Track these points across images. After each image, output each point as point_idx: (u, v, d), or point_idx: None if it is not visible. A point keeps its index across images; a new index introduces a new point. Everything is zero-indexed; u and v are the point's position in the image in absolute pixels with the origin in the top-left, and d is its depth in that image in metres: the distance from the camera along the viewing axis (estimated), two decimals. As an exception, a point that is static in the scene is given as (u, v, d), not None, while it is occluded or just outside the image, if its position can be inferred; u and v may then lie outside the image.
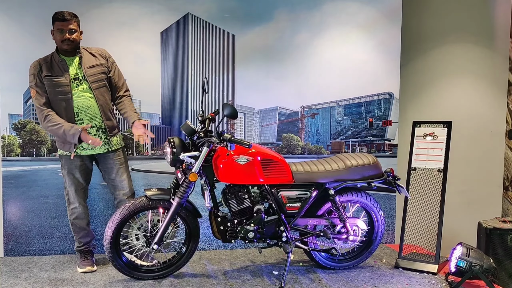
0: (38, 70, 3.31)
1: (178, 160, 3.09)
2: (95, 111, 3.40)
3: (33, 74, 3.32)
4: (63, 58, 3.36)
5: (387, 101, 4.63)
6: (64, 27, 3.26)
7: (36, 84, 3.31)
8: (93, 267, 3.51)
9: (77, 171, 3.47)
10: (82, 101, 3.36)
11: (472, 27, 4.77)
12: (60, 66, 3.33)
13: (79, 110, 3.36)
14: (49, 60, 3.35)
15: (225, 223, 3.27)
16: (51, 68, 3.32)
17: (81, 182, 3.52)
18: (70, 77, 3.34)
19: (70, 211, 3.56)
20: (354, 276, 3.50)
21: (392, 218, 4.59)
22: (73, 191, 3.49)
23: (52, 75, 3.31)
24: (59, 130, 3.24)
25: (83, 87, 3.37)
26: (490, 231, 3.66)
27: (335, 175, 3.35)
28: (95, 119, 3.41)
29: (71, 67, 3.37)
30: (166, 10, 4.17)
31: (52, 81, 3.30)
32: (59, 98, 3.32)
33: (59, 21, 3.25)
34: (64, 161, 3.48)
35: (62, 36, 3.27)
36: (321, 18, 4.45)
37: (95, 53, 3.48)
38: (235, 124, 4.53)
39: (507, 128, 4.76)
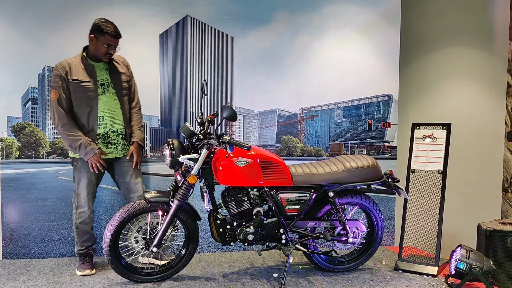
0: (65, 72, 3.30)
1: (177, 163, 3.09)
2: (119, 116, 3.47)
3: (59, 76, 3.30)
4: (92, 63, 3.39)
5: (386, 103, 4.63)
6: (113, 44, 3.31)
7: (61, 87, 3.30)
8: (91, 271, 3.50)
9: (92, 174, 3.46)
10: (108, 106, 3.41)
11: (471, 29, 4.77)
12: (88, 71, 3.36)
13: (105, 114, 3.41)
14: (77, 64, 3.35)
15: (224, 226, 3.26)
16: (78, 73, 3.32)
17: (94, 185, 3.51)
18: (97, 83, 3.37)
19: (77, 215, 3.51)
20: (354, 278, 3.49)
21: (391, 220, 4.58)
22: (85, 194, 3.46)
23: (80, 79, 3.31)
24: (75, 142, 3.27)
25: (110, 92, 3.42)
26: (490, 233, 3.65)
27: (335, 177, 3.35)
28: (118, 124, 3.47)
29: (99, 72, 3.41)
30: (165, 12, 4.17)
31: (80, 85, 3.32)
32: (85, 103, 3.35)
33: (111, 37, 3.28)
34: (80, 164, 3.45)
35: (107, 50, 3.31)
36: (321, 21, 4.45)
37: (119, 60, 3.55)
38: (234, 126, 4.53)
39: (506, 129, 4.76)
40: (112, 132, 3.45)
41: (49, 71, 4.01)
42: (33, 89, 4.01)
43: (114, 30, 3.28)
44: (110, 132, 3.44)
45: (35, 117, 4.07)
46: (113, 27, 3.28)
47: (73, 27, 3.94)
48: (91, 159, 3.30)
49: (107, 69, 3.44)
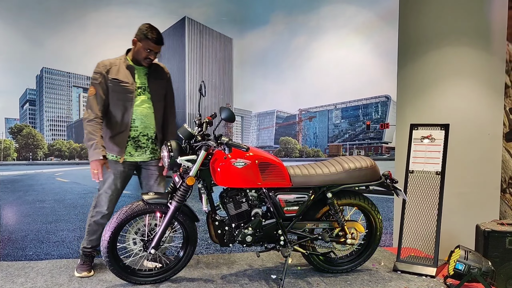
0: (106, 71, 3.33)
1: (176, 164, 3.08)
2: (151, 121, 3.47)
3: (100, 73, 3.32)
4: (132, 65, 3.41)
5: (385, 104, 4.63)
6: (154, 49, 3.32)
7: (100, 84, 3.32)
8: (89, 273, 3.48)
9: (118, 176, 3.45)
10: (141, 110, 3.41)
11: (469, 30, 4.78)
12: (128, 73, 3.37)
13: (137, 117, 3.41)
14: (118, 64, 3.38)
15: (222, 227, 3.26)
16: (119, 72, 3.35)
17: (118, 188, 3.48)
18: (135, 85, 3.38)
19: (93, 212, 3.49)
20: (353, 279, 3.49)
21: (390, 221, 4.59)
22: (108, 195, 3.44)
23: (119, 79, 3.33)
24: (90, 140, 3.25)
25: (145, 96, 3.43)
26: (488, 233, 3.66)
27: (333, 178, 3.35)
28: (149, 128, 3.47)
29: (138, 75, 3.42)
30: (163, 14, 4.17)
31: (119, 85, 3.33)
32: (121, 103, 3.36)
33: (153, 42, 3.29)
34: (109, 164, 3.44)
35: (147, 55, 3.33)
36: (318, 22, 4.45)
37: (159, 67, 3.56)
38: (233, 127, 4.53)
39: (504, 130, 4.77)
40: (142, 136, 3.45)
41: (47, 73, 4.00)
42: (31, 91, 4.01)
43: (157, 36, 3.29)
44: (140, 136, 3.45)
45: (33, 119, 4.06)
46: (156, 33, 3.29)
47: (71, 29, 3.94)
48: (93, 163, 3.26)
49: (146, 73, 3.46)
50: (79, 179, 3.74)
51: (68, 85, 4.10)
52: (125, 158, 3.42)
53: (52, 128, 4.10)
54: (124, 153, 3.40)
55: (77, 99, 4.18)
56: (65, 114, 4.15)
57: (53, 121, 4.09)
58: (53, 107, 4.09)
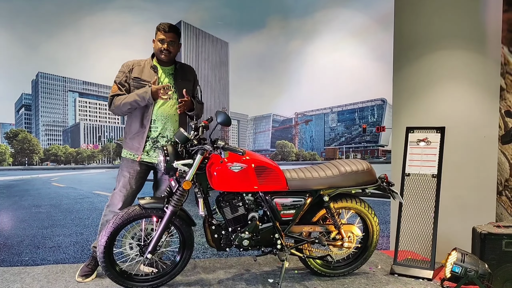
0: (129, 70, 3.39)
1: (172, 168, 3.07)
2: (172, 122, 3.47)
3: (123, 72, 3.40)
4: (156, 64, 3.45)
5: (380, 107, 4.64)
6: (165, 38, 3.34)
7: (120, 82, 3.38)
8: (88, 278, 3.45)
9: (133, 177, 3.45)
10: (162, 110, 3.42)
11: (464, 33, 4.80)
12: (152, 72, 3.41)
13: (157, 117, 3.41)
14: (143, 64, 3.43)
15: (219, 231, 3.25)
16: (141, 72, 3.39)
17: (133, 189, 3.48)
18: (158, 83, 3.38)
19: (106, 211, 3.49)
20: (350, 283, 3.49)
21: (386, 224, 4.59)
22: (122, 194, 3.44)
23: (140, 77, 3.37)
24: (129, 98, 3.30)
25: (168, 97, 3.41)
26: (485, 236, 3.66)
27: (329, 181, 3.35)
28: (169, 130, 3.46)
29: (162, 74, 3.45)
30: (158, 18, 4.15)
31: (140, 83, 3.37)
32: None
33: (161, 32, 3.35)
34: (125, 163, 3.47)
35: (161, 46, 3.35)
36: (314, 25, 4.46)
37: (186, 68, 3.59)
38: (229, 131, 4.53)
39: (500, 133, 4.78)
40: (162, 138, 3.45)
41: (42, 77, 4.00)
42: (27, 96, 4.00)
43: (166, 25, 3.34)
44: (160, 137, 3.44)
45: (29, 124, 4.05)
46: (166, 24, 3.36)
47: (67, 33, 3.94)
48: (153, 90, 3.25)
49: (171, 73, 3.48)
50: (75, 184, 3.73)
51: (63, 89, 4.10)
52: (142, 157, 3.42)
53: (47, 133, 4.10)
54: (141, 152, 3.40)
55: (72, 103, 4.18)
56: (61, 119, 4.15)
57: (49, 125, 4.09)
58: (48, 112, 4.08)
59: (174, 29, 3.39)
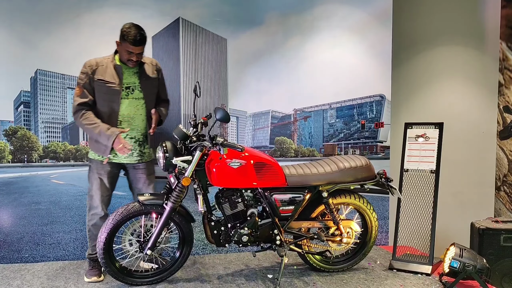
0: (92, 71, 3.23)
1: (171, 165, 3.08)
2: (139, 123, 3.40)
3: (85, 73, 3.23)
4: (120, 64, 3.30)
5: (379, 103, 4.65)
6: (134, 51, 3.16)
7: (84, 85, 3.24)
8: (99, 277, 3.40)
9: (106, 176, 3.40)
10: (129, 111, 3.34)
11: (463, 30, 4.81)
12: (116, 73, 3.27)
13: (123, 119, 3.34)
14: (106, 64, 3.28)
15: (218, 227, 3.26)
16: (105, 73, 3.25)
17: (108, 188, 3.43)
18: (123, 85, 3.29)
19: (89, 217, 3.45)
20: (349, 278, 3.50)
21: (385, 220, 4.60)
22: (99, 196, 3.40)
23: (105, 79, 3.24)
24: (95, 130, 3.19)
25: (134, 97, 3.34)
26: (483, 231, 3.67)
27: (328, 177, 3.36)
28: (136, 130, 3.41)
29: (126, 75, 3.32)
30: (157, 15, 4.17)
31: (104, 85, 3.24)
32: (107, 104, 3.28)
33: (130, 44, 3.13)
34: (94, 165, 3.40)
35: (129, 57, 3.20)
36: (312, 22, 4.46)
37: (150, 64, 3.44)
38: (228, 128, 4.53)
39: (498, 128, 4.79)
40: (130, 139, 3.39)
41: (41, 75, 4.00)
42: (25, 93, 4.00)
43: (134, 37, 3.10)
44: (127, 138, 3.37)
45: (28, 121, 4.05)
46: (133, 34, 3.10)
47: (65, 30, 3.94)
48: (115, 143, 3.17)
49: (136, 72, 3.35)
50: (74, 180, 3.74)
51: (62, 86, 4.09)
52: (111, 158, 3.35)
53: (47, 130, 4.10)
54: (108, 154, 3.30)
55: (71, 100, 4.17)
56: (60, 116, 4.15)
57: (48, 123, 4.09)
58: (47, 109, 4.08)
59: (142, 41, 3.17)
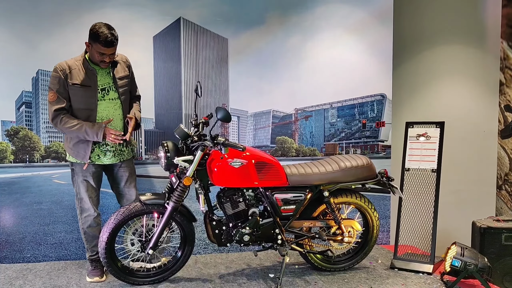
0: (65, 75, 3.14)
1: (172, 165, 3.08)
2: (118, 123, 3.35)
3: (58, 78, 3.14)
4: (93, 67, 3.23)
5: (380, 102, 4.65)
6: (106, 52, 3.09)
7: (58, 90, 3.13)
8: (101, 278, 3.40)
9: (91, 177, 3.35)
10: (107, 112, 3.29)
11: (463, 28, 4.80)
12: (90, 75, 3.20)
13: (102, 120, 3.25)
14: (78, 67, 3.18)
15: (220, 227, 3.27)
16: (79, 76, 3.16)
17: (95, 188, 3.40)
18: (98, 87, 3.24)
19: (83, 220, 3.41)
20: (350, 277, 3.50)
21: (386, 219, 4.60)
22: (87, 198, 3.36)
23: (80, 84, 3.16)
24: (80, 130, 3.12)
25: (110, 97, 3.29)
26: (484, 230, 3.67)
27: (329, 177, 3.36)
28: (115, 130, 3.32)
29: (100, 76, 3.26)
30: (158, 15, 4.17)
31: (79, 90, 3.17)
32: (84, 107, 3.22)
33: (102, 46, 3.04)
34: (78, 168, 3.34)
35: (101, 58, 3.12)
36: (313, 21, 4.46)
37: (121, 61, 3.38)
38: (229, 127, 4.53)
39: (500, 127, 4.79)
40: None
41: (42, 75, 4.00)
42: (27, 93, 4.00)
43: (105, 38, 3.00)
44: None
45: (29, 121, 4.06)
46: (105, 35, 3.00)
47: (66, 31, 3.94)
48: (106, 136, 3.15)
49: (109, 72, 3.30)
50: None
51: (64, 87, 4.09)
52: (93, 160, 3.29)
53: (48, 130, 4.10)
54: (88, 159, 3.25)
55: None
56: (62, 116, 4.14)
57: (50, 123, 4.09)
58: (49, 109, 4.08)
59: (114, 42, 3.08)
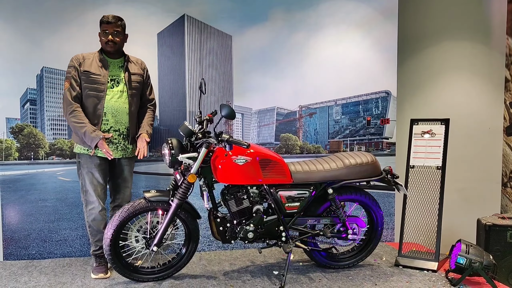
0: (79, 64, 3.35)
1: (177, 162, 3.09)
2: (124, 116, 3.44)
3: (73, 66, 3.35)
4: (105, 57, 3.43)
5: (385, 99, 4.63)
6: (108, 29, 3.33)
7: (72, 77, 3.34)
8: (106, 274, 3.41)
9: (96, 170, 3.40)
10: (113, 103, 3.39)
11: (469, 24, 4.78)
12: (102, 65, 3.39)
13: (108, 111, 3.38)
14: (91, 57, 3.40)
15: (224, 224, 3.27)
16: (91, 65, 3.36)
17: (100, 182, 3.44)
18: (108, 77, 3.38)
19: (87, 213, 3.46)
20: (354, 274, 3.50)
21: (391, 216, 4.59)
22: (92, 190, 3.41)
23: (90, 71, 3.34)
24: (80, 129, 3.25)
25: (119, 89, 3.41)
26: (490, 227, 3.66)
27: (334, 174, 3.35)
28: (120, 123, 3.43)
29: (112, 67, 3.43)
30: (162, 12, 4.17)
31: (89, 76, 3.33)
32: (92, 95, 3.34)
33: (104, 23, 3.33)
34: (83, 160, 3.42)
35: (106, 38, 3.34)
36: (317, 18, 4.45)
37: (136, 62, 3.57)
38: (233, 124, 4.53)
39: (505, 124, 4.77)
40: (114, 131, 3.41)
41: (47, 72, 4.01)
42: (32, 90, 4.01)
43: (107, 17, 3.33)
44: (112, 130, 3.40)
45: (34, 118, 4.07)
46: (108, 15, 3.35)
47: (70, 28, 3.94)
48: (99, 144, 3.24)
49: (121, 66, 3.46)
50: (80, 177, 3.75)
51: (68, 84, 4.09)
52: (96, 152, 3.36)
53: (53, 127, 4.11)
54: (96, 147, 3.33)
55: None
56: (66, 113, 4.14)
57: (54, 120, 4.10)
58: (54, 106, 4.09)
59: (117, 19, 3.38)
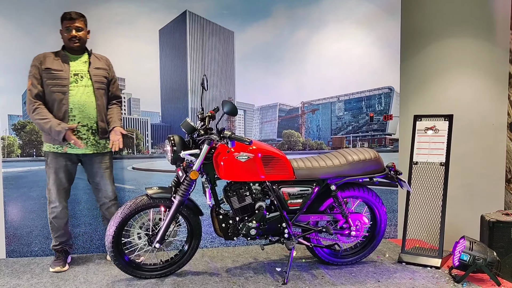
0: (40, 62, 3.39)
1: (179, 158, 3.08)
2: (90, 111, 3.46)
3: (34, 65, 3.41)
4: (66, 53, 3.46)
5: (388, 95, 4.61)
6: (71, 25, 3.39)
7: (33, 75, 3.39)
8: (63, 267, 3.50)
9: (61, 170, 3.48)
10: (79, 98, 3.41)
11: (472, 20, 4.75)
12: (62, 61, 3.43)
13: (74, 106, 3.40)
14: (52, 55, 3.44)
15: (227, 221, 3.26)
16: (52, 62, 3.40)
17: (63, 182, 3.52)
18: (70, 72, 3.41)
19: (50, 210, 3.56)
20: (357, 271, 3.49)
21: (394, 213, 4.58)
22: (55, 190, 3.49)
23: (51, 68, 3.38)
24: (46, 125, 3.30)
25: (84, 84, 3.43)
26: (493, 224, 3.65)
27: (337, 170, 3.34)
28: (88, 118, 3.46)
29: (74, 62, 3.46)
30: (163, 8, 4.15)
31: (51, 73, 3.37)
32: (55, 91, 3.38)
33: (67, 20, 3.40)
34: (50, 159, 3.49)
35: (69, 34, 3.40)
36: (320, 14, 4.43)
37: (101, 58, 3.61)
38: (235, 121, 4.52)
39: (509, 120, 4.75)
40: (82, 127, 3.44)
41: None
42: (33, 87, 4.00)
43: (68, 13, 3.40)
44: (79, 126, 3.43)
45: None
46: (70, 12, 3.41)
47: (72, 25, 3.93)
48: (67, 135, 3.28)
49: (85, 62, 3.50)
50: (82, 174, 3.74)
51: (70, 81, 4.09)
52: (68, 149, 3.40)
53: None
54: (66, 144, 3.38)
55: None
56: (68, 110, 4.14)
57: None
58: (55, 103, 4.08)
59: (79, 15, 3.44)
